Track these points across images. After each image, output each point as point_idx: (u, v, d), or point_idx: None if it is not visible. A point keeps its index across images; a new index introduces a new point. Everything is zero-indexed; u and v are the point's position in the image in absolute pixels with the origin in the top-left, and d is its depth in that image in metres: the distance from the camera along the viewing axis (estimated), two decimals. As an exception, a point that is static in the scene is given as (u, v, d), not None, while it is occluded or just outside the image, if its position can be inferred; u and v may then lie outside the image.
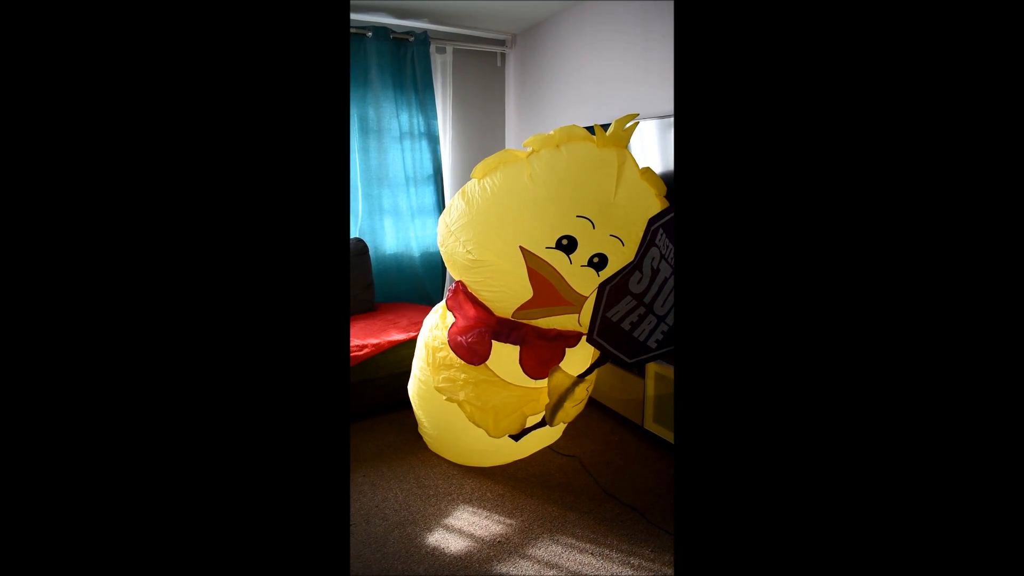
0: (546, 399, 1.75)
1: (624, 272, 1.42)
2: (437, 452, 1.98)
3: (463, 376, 1.73)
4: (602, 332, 1.46)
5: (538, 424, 1.78)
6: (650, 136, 2.24)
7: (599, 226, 1.59)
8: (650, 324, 1.54)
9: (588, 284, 1.62)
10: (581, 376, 1.75)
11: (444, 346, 1.77)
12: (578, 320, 1.70)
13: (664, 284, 1.51)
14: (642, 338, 1.55)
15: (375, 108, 2.86)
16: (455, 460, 1.93)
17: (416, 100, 2.95)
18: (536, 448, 1.95)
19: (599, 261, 1.61)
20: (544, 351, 1.73)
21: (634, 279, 1.44)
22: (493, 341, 1.72)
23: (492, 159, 1.69)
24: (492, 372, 1.74)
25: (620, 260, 1.60)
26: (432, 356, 1.80)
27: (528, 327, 1.72)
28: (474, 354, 1.72)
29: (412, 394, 1.96)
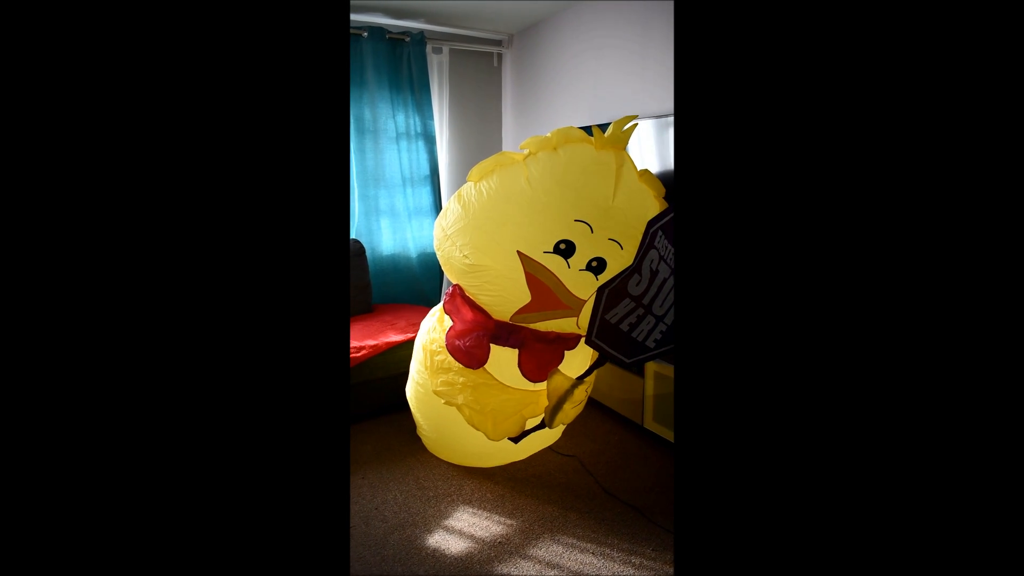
0: (545, 401, 1.75)
1: (623, 275, 1.42)
2: (436, 454, 1.97)
3: (461, 379, 1.72)
4: (601, 334, 1.45)
5: (537, 426, 1.77)
6: (647, 136, 2.25)
7: (597, 230, 1.58)
8: (648, 324, 1.54)
9: (587, 288, 1.61)
10: (580, 378, 1.74)
11: (442, 349, 1.76)
12: (576, 323, 1.69)
13: (663, 285, 1.51)
14: (640, 338, 1.55)
15: (371, 108, 2.85)
16: (454, 461, 1.93)
17: (412, 100, 2.94)
18: (536, 449, 1.94)
19: (597, 265, 1.60)
20: (543, 354, 1.72)
21: (633, 281, 1.44)
22: (491, 345, 1.71)
23: (488, 162, 1.67)
24: (490, 375, 1.73)
25: (619, 264, 1.59)
26: (430, 359, 1.79)
27: (527, 330, 1.71)
28: (472, 358, 1.71)
29: (410, 397, 1.95)
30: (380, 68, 2.83)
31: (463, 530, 1.58)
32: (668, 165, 2.23)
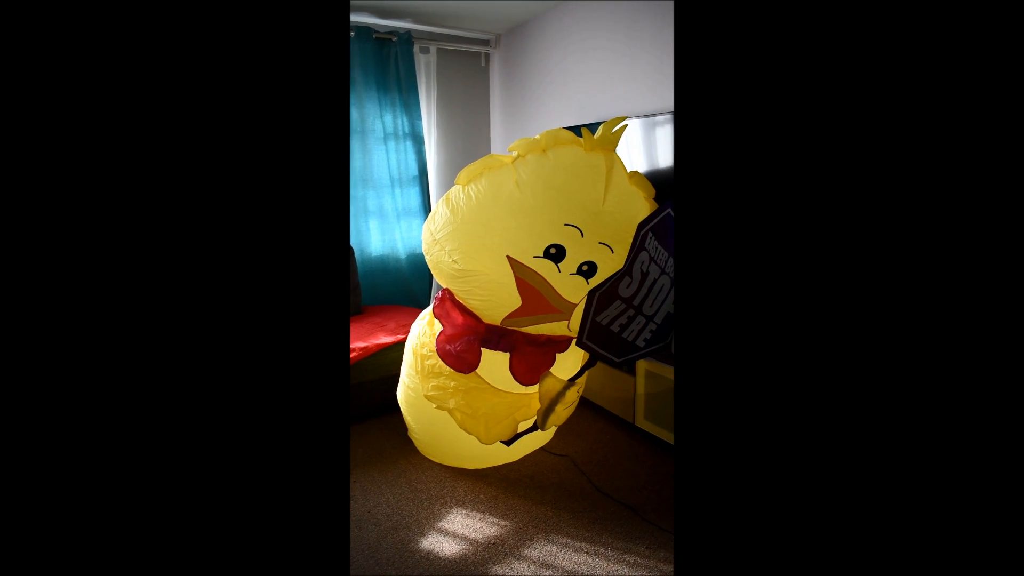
0: (537, 404, 1.74)
1: (614, 279, 1.41)
2: (428, 456, 1.96)
3: (453, 384, 1.70)
4: (592, 335, 1.45)
5: (530, 429, 1.77)
6: (635, 135, 2.26)
7: (588, 234, 1.56)
8: (639, 324, 1.54)
9: (577, 292, 1.60)
10: (572, 379, 1.74)
11: (432, 353, 1.74)
12: (568, 326, 1.69)
13: (653, 285, 1.51)
14: (631, 338, 1.56)
15: (359, 109, 2.83)
16: (446, 463, 1.92)
17: (400, 101, 2.93)
18: (528, 450, 1.94)
19: (588, 269, 1.58)
20: (534, 357, 1.72)
21: (624, 284, 1.43)
22: (482, 349, 1.69)
23: (476, 165, 1.64)
24: (482, 379, 1.72)
25: (610, 267, 1.58)
26: (421, 363, 1.77)
27: (518, 333, 1.71)
28: (463, 362, 1.69)
29: (401, 400, 1.94)
30: (367, 68, 2.81)
31: (457, 532, 1.58)
32: (656, 164, 2.24)
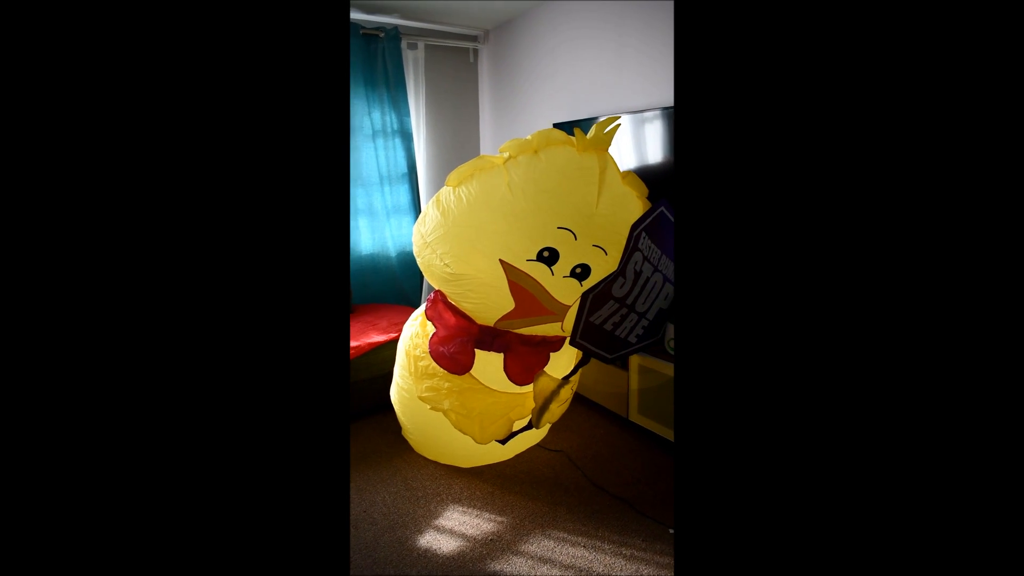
0: (532, 403, 1.74)
1: (607, 280, 1.41)
2: (422, 454, 1.96)
3: (447, 385, 1.69)
4: (585, 335, 1.45)
5: (525, 427, 1.77)
6: (624, 132, 2.26)
7: (581, 237, 1.54)
8: (631, 322, 1.55)
9: (571, 294, 1.59)
10: (566, 378, 1.75)
11: (426, 355, 1.73)
12: (561, 326, 1.68)
13: (646, 283, 1.51)
14: (623, 335, 1.56)
15: (346, 106, 2.80)
16: (442, 461, 1.92)
17: (388, 97, 2.90)
18: (523, 447, 1.94)
19: (582, 271, 1.57)
20: (528, 357, 1.71)
21: (617, 284, 1.43)
22: (476, 350, 1.68)
23: (467, 166, 1.61)
24: (476, 380, 1.71)
25: (604, 269, 1.57)
26: (414, 365, 1.76)
27: (511, 334, 1.70)
28: (457, 364, 1.68)
29: (395, 401, 1.93)
30: (355, 64, 2.78)
31: (454, 529, 1.58)
32: (646, 160, 2.25)
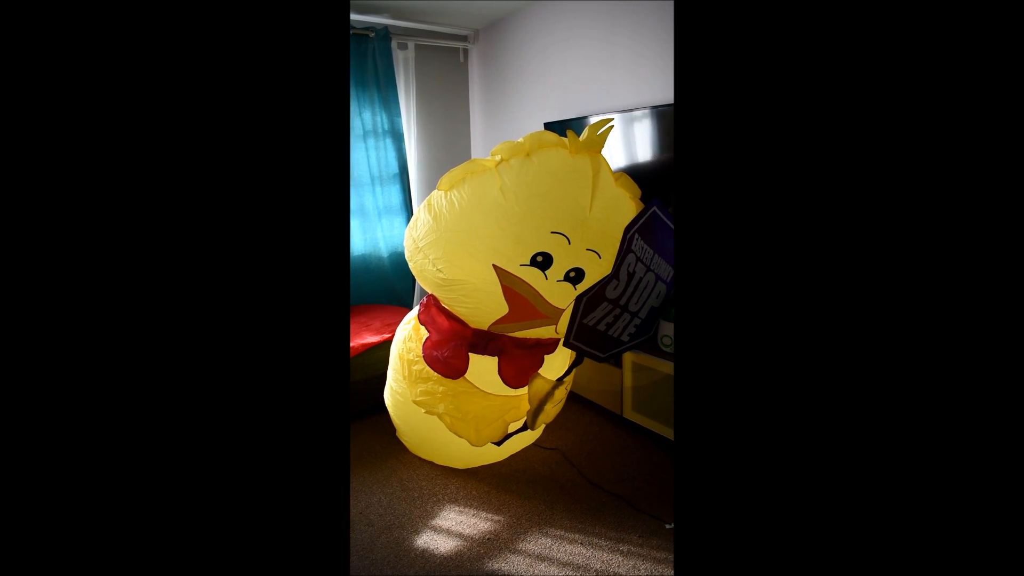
0: (526, 405, 1.74)
1: (601, 283, 1.41)
2: (418, 454, 1.95)
3: (441, 388, 1.69)
4: (579, 336, 1.45)
5: (520, 429, 1.77)
6: (614, 130, 2.28)
7: (575, 241, 1.53)
8: (624, 321, 1.56)
9: (565, 298, 1.58)
10: (560, 379, 1.75)
11: (419, 359, 1.72)
12: (555, 329, 1.69)
13: (639, 283, 1.52)
14: (616, 335, 1.57)
15: (336, 106, 2.78)
16: (437, 463, 1.91)
17: (379, 97, 2.89)
18: (519, 447, 1.94)
19: (575, 275, 1.56)
20: (523, 360, 1.71)
21: (611, 287, 1.43)
22: (470, 353, 1.68)
23: (458, 170, 1.57)
24: (470, 383, 1.70)
25: (597, 273, 1.56)
26: (408, 369, 1.75)
27: (505, 337, 1.69)
28: (451, 368, 1.67)
29: (389, 405, 1.92)
30: (344, 64, 2.76)
31: (451, 529, 1.58)
32: (635, 159, 2.27)
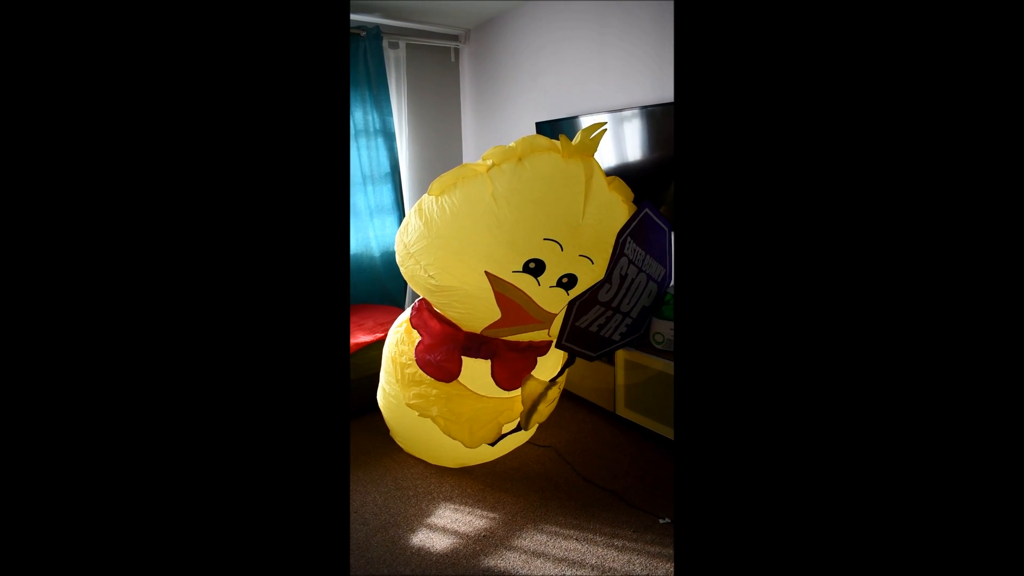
0: (520, 406, 1.75)
1: (594, 288, 1.42)
2: (411, 453, 1.95)
3: (434, 391, 1.69)
4: (571, 338, 1.46)
5: (514, 429, 1.78)
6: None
7: (568, 248, 1.52)
8: (616, 322, 1.57)
9: (557, 303, 1.58)
10: (553, 380, 1.76)
11: (412, 362, 1.71)
12: (548, 332, 1.69)
13: (631, 285, 1.53)
14: (607, 335, 1.58)
15: (328, 105, 2.77)
16: (431, 462, 1.91)
17: (370, 96, 2.88)
18: (513, 446, 1.95)
19: (568, 281, 1.56)
20: (516, 363, 1.71)
21: (603, 291, 1.44)
22: (463, 356, 1.68)
23: (449, 175, 1.55)
24: (463, 386, 1.70)
25: (590, 278, 1.56)
26: (400, 372, 1.74)
27: (498, 340, 1.70)
28: (444, 372, 1.68)
29: (382, 407, 1.91)
30: (335, 63, 2.75)
31: (446, 527, 1.58)
32: (625, 158, 2.29)
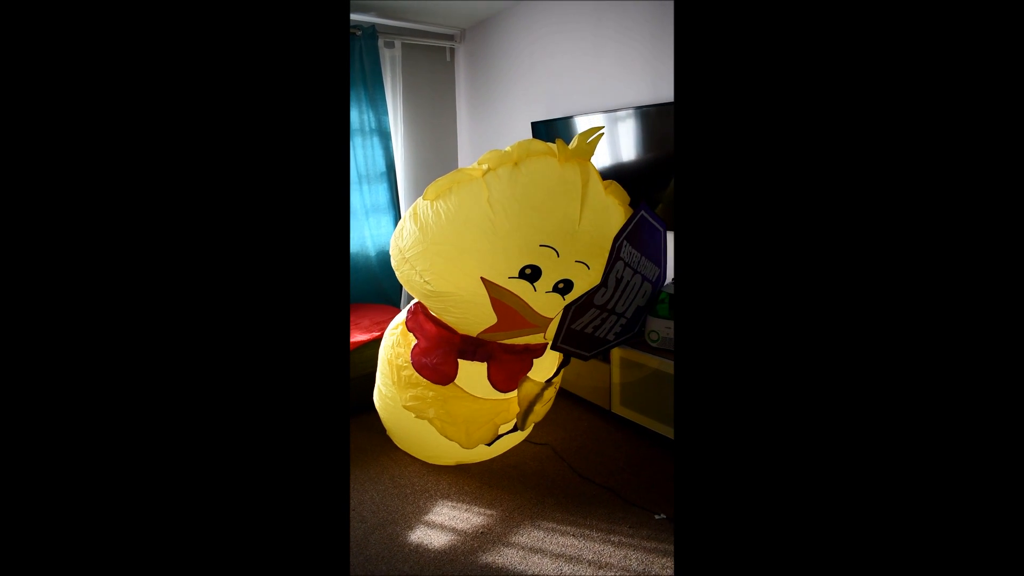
0: (516, 407, 1.75)
1: (589, 292, 1.43)
2: (408, 452, 1.96)
3: (431, 394, 1.69)
4: (567, 340, 1.47)
5: (510, 430, 1.79)
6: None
7: (564, 254, 1.52)
8: (611, 323, 1.57)
9: (554, 308, 1.58)
10: (549, 380, 1.77)
11: (408, 364, 1.72)
12: (544, 335, 1.70)
13: (627, 287, 1.53)
14: (602, 335, 1.59)
15: (323, 104, 2.77)
16: (428, 460, 1.92)
17: (366, 96, 2.88)
18: (510, 446, 1.95)
19: (564, 287, 1.56)
20: (512, 365, 1.72)
21: (599, 294, 1.44)
22: (459, 359, 1.69)
23: (444, 180, 1.53)
24: (460, 388, 1.70)
25: (586, 283, 1.57)
26: (397, 374, 1.74)
27: (494, 343, 1.70)
28: (440, 375, 1.68)
29: (379, 408, 1.91)
30: (331, 62, 2.75)
31: (444, 524, 1.59)
32: (620, 158, 2.30)
